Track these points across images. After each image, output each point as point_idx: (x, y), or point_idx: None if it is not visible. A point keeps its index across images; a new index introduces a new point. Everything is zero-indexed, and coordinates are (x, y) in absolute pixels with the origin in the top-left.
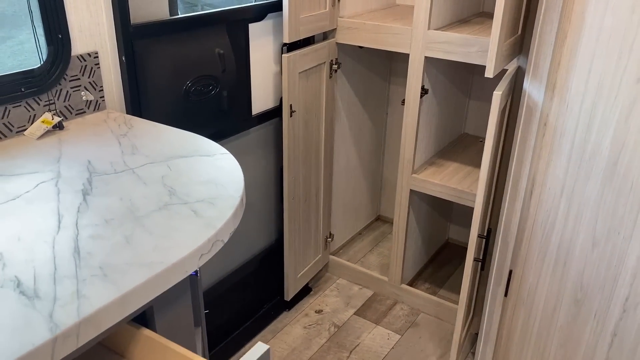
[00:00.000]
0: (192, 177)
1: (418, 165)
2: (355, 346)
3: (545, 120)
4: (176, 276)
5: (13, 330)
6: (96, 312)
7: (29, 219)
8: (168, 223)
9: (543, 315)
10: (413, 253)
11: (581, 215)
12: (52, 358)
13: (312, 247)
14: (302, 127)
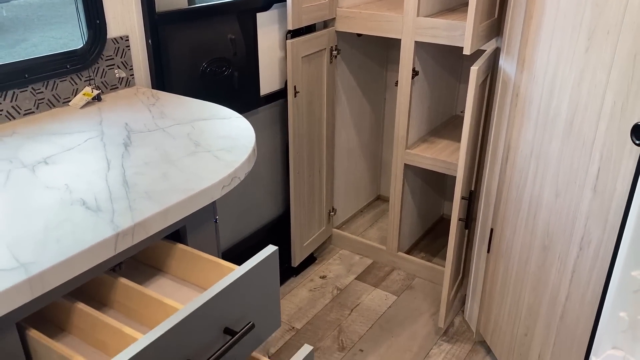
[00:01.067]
0: (213, 134)
1: (411, 142)
2: (355, 305)
3: (517, 91)
4: (204, 200)
5: (86, 230)
6: (145, 219)
7: (83, 163)
8: (196, 164)
9: (518, 265)
10: (409, 225)
11: (546, 171)
12: (115, 249)
13: (316, 219)
14: (306, 107)
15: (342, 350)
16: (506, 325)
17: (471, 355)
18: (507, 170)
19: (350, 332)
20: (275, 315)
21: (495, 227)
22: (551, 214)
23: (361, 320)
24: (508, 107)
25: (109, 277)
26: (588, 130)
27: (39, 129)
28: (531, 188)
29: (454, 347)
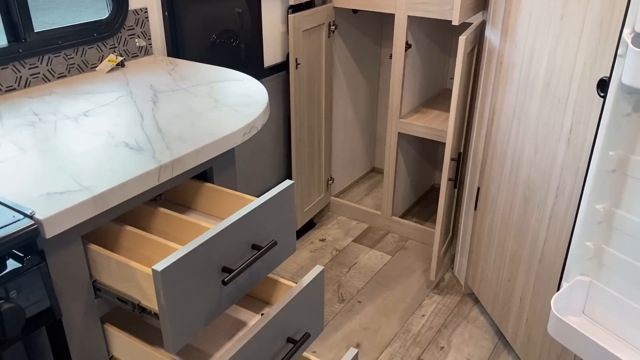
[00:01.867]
0: (230, 92)
1: (405, 112)
2: (353, 264)
3: (501, 59)
4: (228, 144)
5: (133, 164)
6: (182, 156)
7: (119, 115)
8: (218, 116)
9: (502, 218)
10: (402, 192)
11: (527, 130)
12: (158, 179)
13: (315, 186)
14: (306, 79)
15: (342, 302)
16: (491, 274)
17: (460, 305)
18: (492, 132)
19: (349, 287)
20: (291, 242)
21: (482, 185)
22: (531, 167)
23: (359, 276)
24: (493, 74)
25: (149, 207)
26: (562, 90)
27: (73, 89)
28: (513, 146)
29: (444, 299)
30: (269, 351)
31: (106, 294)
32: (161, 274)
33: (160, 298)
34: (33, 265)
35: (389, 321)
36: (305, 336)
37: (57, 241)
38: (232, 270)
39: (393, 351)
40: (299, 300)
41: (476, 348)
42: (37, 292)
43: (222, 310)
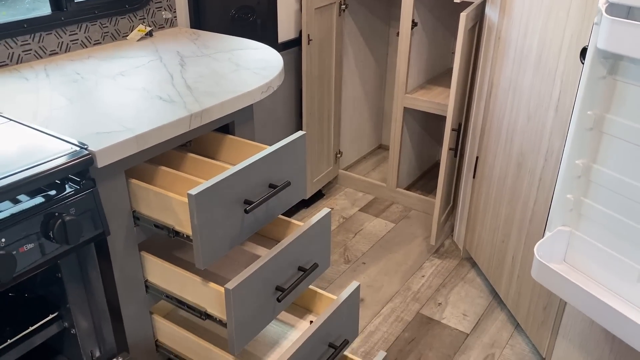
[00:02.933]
0: (249, 58)
1: (411, 88)
2: (359, 230)
3: (499, 35)
4: (248, 99)
5: (167, 112)
6: (209, 107)
7: (151, 75)
8: (239, 77)
9: (497, 184)
10: (407, 165)
11: (520, 100)
12: (189, 126)
13: (325, 158)
14: (317, 54)
15: (347, 263)
16: (487, 237)
17: (458, 268)
18: (490, 104)
19: (355, 250)
20: (302, 187)
21: (480, 155)
22: (524, 135)
23: (364, 241)
24: (492, 50)
25: (179, 152)
26: (552, 62)
27: (109, 54)
28: (509, 116)
29: (443, 262)
30: (282, 276)
31: (144, 222)
32: (195, 197)
33: (194, 219)
34: (87, 188)
35: (390, 280)
36: (313, 266)
37: (106, 172)
38: (252, 202)
39: (394, 306)
40: (308, 235)
41: (471, 305)
42: (90, 211)
43: (243, 238)
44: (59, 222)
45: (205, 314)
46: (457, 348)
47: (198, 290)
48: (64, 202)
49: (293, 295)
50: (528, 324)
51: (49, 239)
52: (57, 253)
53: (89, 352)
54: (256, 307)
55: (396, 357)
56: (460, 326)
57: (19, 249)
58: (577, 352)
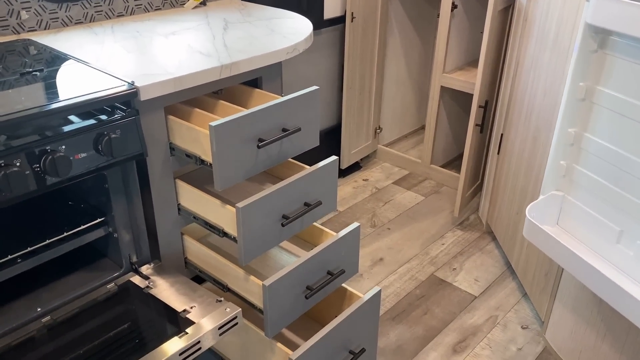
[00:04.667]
0: (283, 25)
1: (449, 68)
2: (389, 200)
3: (526, 16)
4: (275, 57)
5: (204, 63)
6: (239, 61)
7: (197, 35)
8: (271, 40)
9: (516, 158)
10: (443, 143)
11: (539, 78)
12: (220, 74)
13: (364, 132)
14: (361, 32)
15: (373, 227)
16: (505, 210)
17: (478, 240)
18: (515, 83)
19: (382, 217)
20: (315, 137)
21: (505, 131)
22: (540, 110)
23: (392, 210)
24: (520, 31)
25: (211, 98)
26: (566, 40)
27: (165, 18)
28: (529, 94)
29: (465, 234)
30: (288, 208)
31: (178, 152)
32: (215, 128)
33: (213, 146)
34: (131, 116)
35: (411, 245)
36: (317, 203)
37: (148, 106)
38: (265, 139)
39: (410, 266)
40: (315, 176)
41: (484, 272)
42: (132, 135)
43: (256, 171)
44: (106, 139)
45: (222, 231)
46: (463, 307)
47: (218, 211)
48: (112, 124)
49: (297, 225)
50: (532, 291)
51: (98, 152)
52: (103, 164)
53: (127, 255)
54: (262, 227)
55: (404, 309)
56: (470, 289)
57: (75, 155)
58: (569, 315)
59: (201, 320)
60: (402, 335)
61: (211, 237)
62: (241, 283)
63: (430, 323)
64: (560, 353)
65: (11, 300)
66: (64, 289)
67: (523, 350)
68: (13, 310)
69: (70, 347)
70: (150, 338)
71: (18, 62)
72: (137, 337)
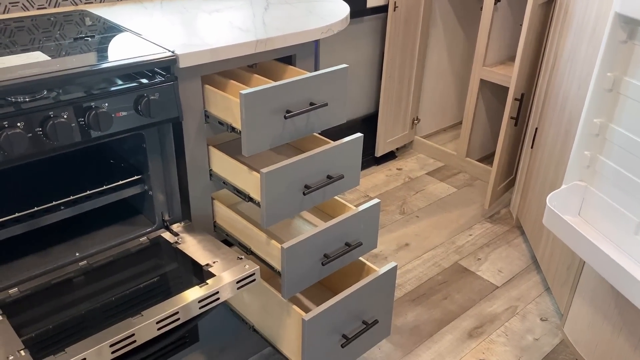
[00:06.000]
0: (321, 8)
1: (490, 62)
2: (421, 190)
3: (566, 9)
4: (309, 36)
5: (241, 37)
6: (274, 37)
7: (238, 13)
8: (308, 20)
9: (549, 151)
10: (481, 137)
11: (575, 70)
12: (254, 49)
13: (400, 122)
14: (403, 22)
15: (402, 214)
16: (534, 204)
17: (507, 233)
18: (552, 76)
19: (412, 205)
20: (342, 113)
21: (539, 125)
22: (574, 103)
23: (422, 199)
24: (559, 24)
25: (246, 72)
26: (602, 32)
27: None
28: (565, 87)
29: (494, 227)
30: (311, 178)
31: (212, 120)
32: (245, 96)
33: (242, 114)
34: (169, 81)
35: (439, 233)
36: (339, 176)
37: (186, 73)
38: (292, 111)
39: (435, 253)
40: (339, 150)
41: (509, 264)
42: (169, 98)
43: (282, 141)
44: (145, 100)
45: (248, 196)
46: (483, 295)
47: (244, 177)
48: (151, 87)
49: (319, 196)
50: (554, 284)
51: (137, 112)
52: (141, 124)
53: (160, 213)
54: (284, 194)
55: (425, 293)
56: (492, 279)
57: (116, 113)
58: (587, 307)
59: (221, 274)
60: (420, 317)
61: (239, 205)
62: (263, 246)
63: (449, 307)
64: (577, 346)
65: (54, 244)
66: (102, 238)
67: (540, 341)
68: (55, 253)
69: (102, 289)
70: (174, 286)
71: (74, 30)
72: (163, 284)
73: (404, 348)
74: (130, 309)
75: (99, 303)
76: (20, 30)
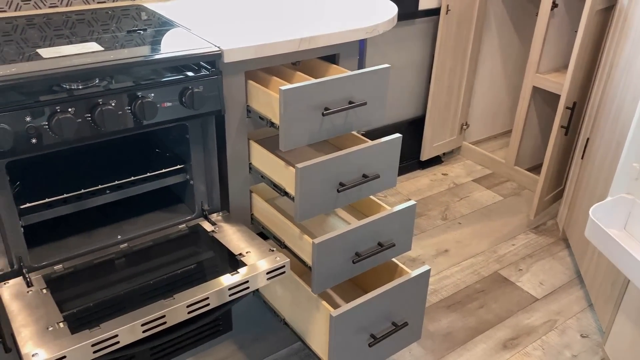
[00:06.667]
0: (367, 7)
1: (544, 69)
2: (466, 196)
3: (625, 17)
4: (353, 35)
5: (286, 35)
6: (317, 35)
7: (290, 10)
8: (353, 19)
9: (599, 163)
10: (532, 146)
11: (630, 81)
12: (298, 46)
13: (449, 127)
14: (455, 25)
15: (444, 220)
16: (582, 217)
17: (552, 245)
18: (606, 86)
19: (455, 211)
20: (381, 114)
21: (591, 136)
22: (627, 114)
23: (467, 206)
24: (617, 32)
25: (289, 69)
26: None
27: None
28: (619, 97)
29: (539, 238)
30: (346, 176)
31: (254, 115)
32: (284, 92)
33: (281, 109)
34: (214, 75)
35: (480, 241)
36: (374, 176)
37: (231, 68)
38: (330, 109)
39: (475, 261)
40: (377, 149)
41: (552, 277)
42: (213, 92)
43: (319, 138)
44: (189, 92)
45: (284, 191)
46: (522, 307)
47: (281, 171)
48: (196, 80)
49: (353, 194)
50: (597, 300)
51: (181, 103)
52: (185, 115)
53: (200, 203)
54: (318, 190)
55: (461, 300)
56: (533, 291)
57: (161, 103)
58: (631, 326)
59: (253, 264)
60: (454, 324)
61: (277, 200)
62: (296, 241)
63: (485, 317)
64: None
65: (98, 227)
66: (143, 223)
67: (578, 358)
68: (98, 234)
69: (140, 271)
70: (207, 272)
71: (129, 23)
72: (196, 270)
73: (435, 353)
74: (164, 291)
75: (136, 284)
76: (80, 22)
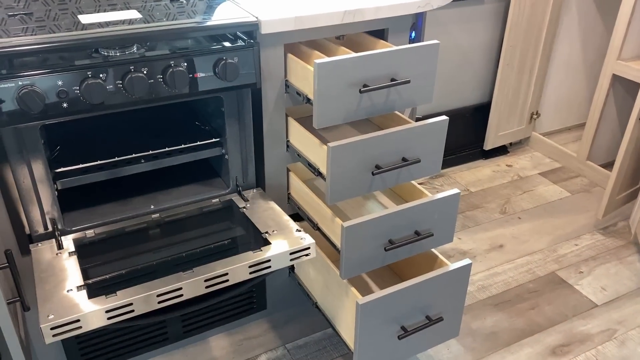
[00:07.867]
0: None
1: (627, 55)
2: (529, 190)
3: None
4: (403, 9)
5: (329, 6)
6: (364, 8)
7: None
8: None
9: None
10: (608, 140)
11: None
12: (342, 19)
13: (517, 115)
14: (529, 5)
15: (502, 214)
16: None
17: (620, 249)
18: None
19: (515, 205)
20: (428, 93)
21: None
22: None
23: (529, 200)
24: None
25: (334, 44)
26: None
27: None
28: None
29: (606, 240)
30: (383, 159)
31: (291, 90)
32: (319, 65)
33: (315, 83)
34: (251, 46)
35: (539, 238)
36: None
37: (269, 40)
38: (369, 85)
39: (531, 259)
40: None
41: (616, 283)
42: (248, 63)
43: (356, 117)
44: (223, 63)
45: (318, 170)
46: (578, 312)
47: (316, 150)
48: (231, 51)
49: (391, 178)
50: None
51: (215, 74)
52: (218, 86)
53: (234, 178)
54: (352, 171)
55: (511, 299)
56: (592, 296)
57: (194, 74)
58: None
59: (277, 243)
60: (500, 323)
61: (315, 181)
62: (328, 223)
63: (535, 319)
64: None
65: (133, 195)
66: (177, 195)
67: None
68: (132, 203)
69: (166, 243)
70: (230, 248)
71: None
72: (221, 245)
73: (474, 353)
74: (185, 264)
75: (160, 255)
76: None
